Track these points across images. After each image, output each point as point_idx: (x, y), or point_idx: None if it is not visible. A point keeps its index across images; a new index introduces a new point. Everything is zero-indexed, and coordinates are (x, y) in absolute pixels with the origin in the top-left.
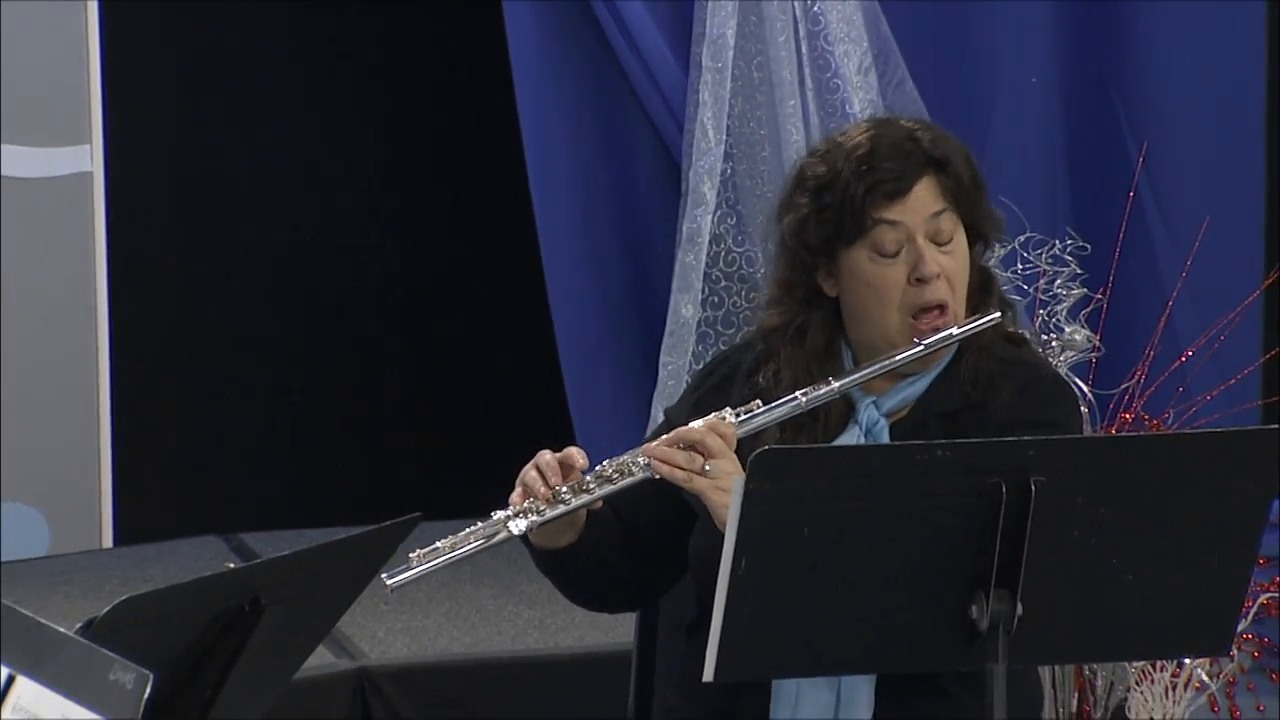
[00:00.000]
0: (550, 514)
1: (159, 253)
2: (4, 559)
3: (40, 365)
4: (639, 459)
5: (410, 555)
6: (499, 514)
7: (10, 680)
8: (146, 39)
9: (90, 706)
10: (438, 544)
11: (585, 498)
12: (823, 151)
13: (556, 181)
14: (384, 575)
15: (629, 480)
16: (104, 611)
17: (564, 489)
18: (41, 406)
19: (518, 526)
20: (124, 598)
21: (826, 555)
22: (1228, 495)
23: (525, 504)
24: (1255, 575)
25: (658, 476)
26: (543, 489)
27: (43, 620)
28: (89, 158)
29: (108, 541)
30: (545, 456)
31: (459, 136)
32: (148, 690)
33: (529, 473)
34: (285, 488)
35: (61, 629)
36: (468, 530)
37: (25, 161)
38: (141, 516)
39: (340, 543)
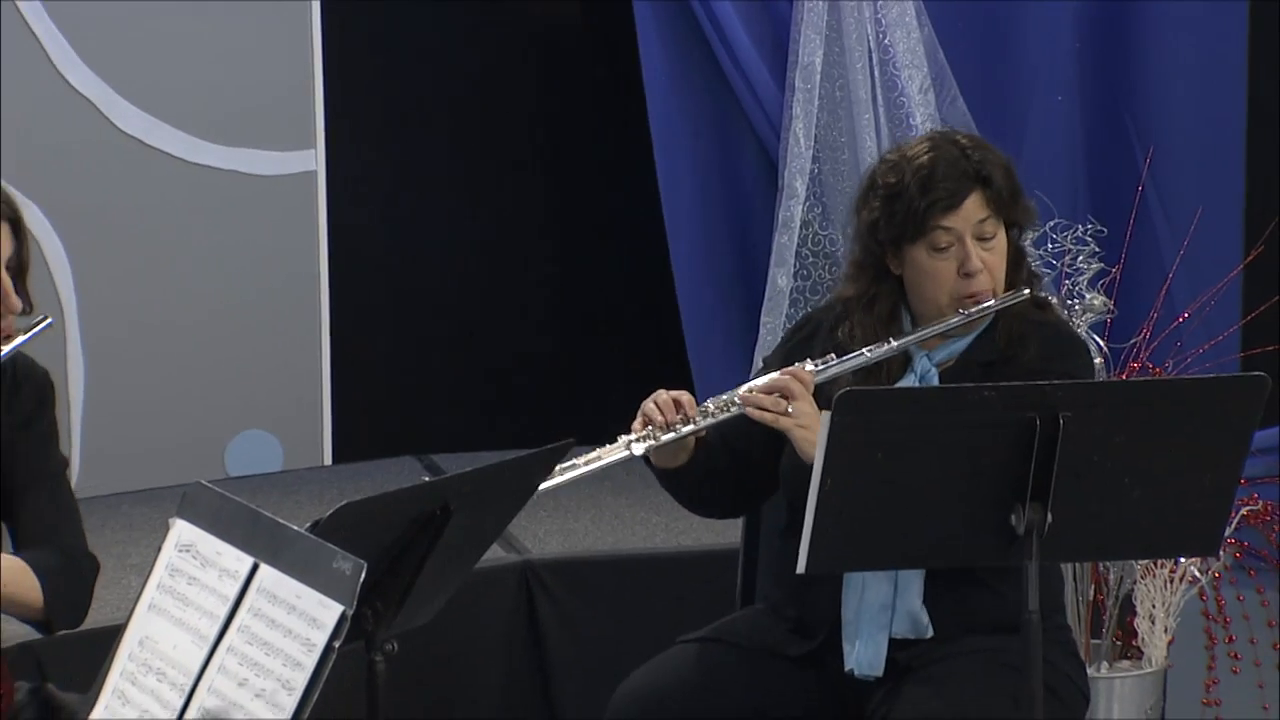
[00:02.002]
0: (664, 439)
1: (368, 228)
2: (247, 474)
3: (274, 320)
4: (736, 399)
5: (557, 468)
6: (623, 438)
7: (255, 567)
8: (358, 61)
9: (317, 588)
10: (575, 460)
11: (691, 427)
12: (892, 162)
13: (679, 179)
14: None
15: (726, 416)
16: (327, 514)
17: (675, 419)
18: (276, 353)
19: (638, 448)
20: (343, 503)
21: (895, 475)
22: (1216, 428)
23: (644, 430)
24: (1238, 492)
25: (749, 415)
26: (659, 419)
27: (280, 520)
28: (314, 159)
29: (327, 460)
30: (662, 394)
31: (604, 141)
32: (361, 576)
33: (648, 405)
34: (467, 416)
35: (295, 528)
36: (599, 450)
37: (262, 162)
38: (354, 440)
39: (511, 461)
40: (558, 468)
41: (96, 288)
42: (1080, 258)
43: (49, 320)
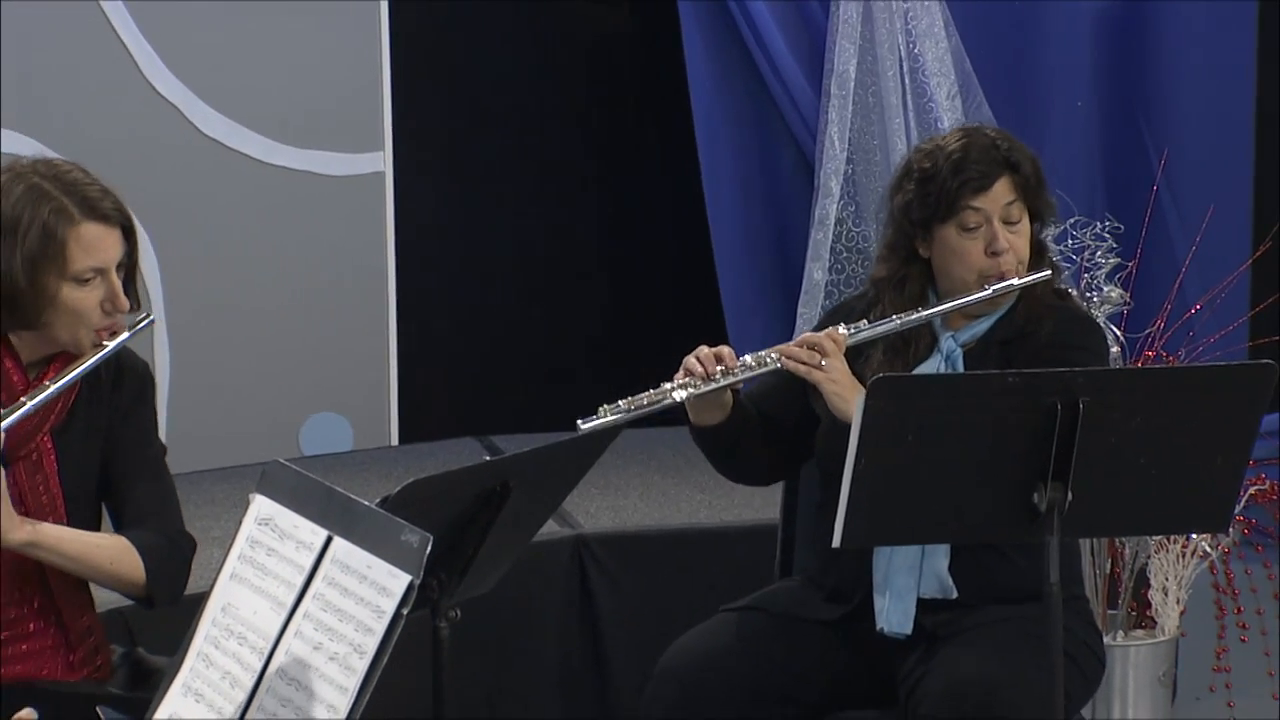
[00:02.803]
0: (705, 388)
1: (431, 224)
2: (319, 454)
3: (345, 311)
4: (772, 354)
5: (600, 408)
6: (666, 385)
7: (329, 539)
8: (421, 70)
9: (386, 559)
10: (620, 402)
11: (731, 379)
12: (927, 150)
13: (721, 180)
14: (579, 421)
15: (764, 370)
16: (396, 491)
17: (715, 371)
18: (346, 340)
19: (680, 395)
20: (410, 481)
21: (925, 455)
22: (1226, 412)
23: (685, 380)
24: (1247, 472)
25: (785, 368)
26: (700, 370)
27: (352, 496)
28: (382, 161)
29: (394, 441)
30: (703, 349)
31: (652, 143)
32: (428, 549)
33: (690, 359)
34: (524, 400)
35: (365, 503)
36: (643, 394)
37: (334, 163)
38: (419, 422)
39: (565, 442)
40: (605, 409)
41: (181, 281)
42: (1099, 253)
43: (151, 318)
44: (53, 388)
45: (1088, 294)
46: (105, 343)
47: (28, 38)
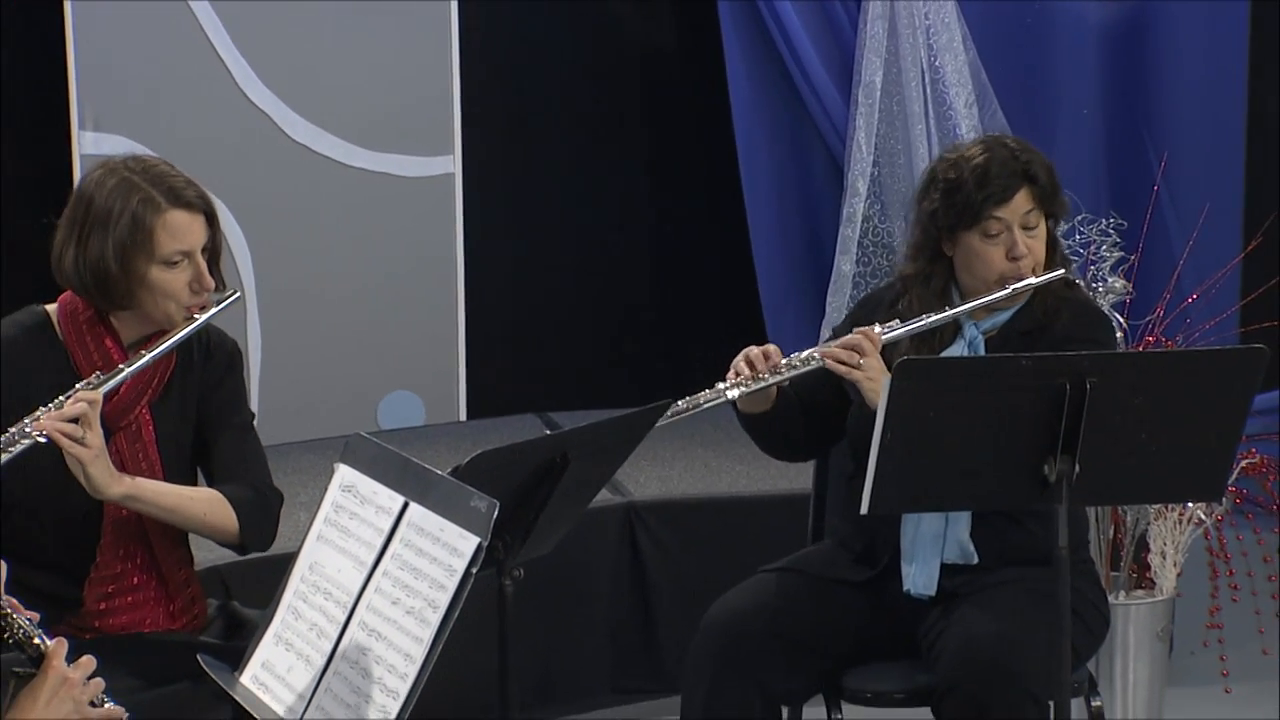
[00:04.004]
0: (754, 386)
1: (496, 220)
2: (394, 428)
3: (418, 298)
4: (815, 354)
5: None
6: (719, 385)
7: (405, 505)
8: (487, 81)
9: (457, 523)
10: (679, 402)
11: (777, 377)
12: (951, 160)
13: (759, 180)
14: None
15: (807, 368)
16: (465, 461)
17: (763, 370)
18: (418, 326)
19: (733, 394)
20: (478, 453)
21: (945, 431)
22: (1220, 392)
23: (736, 379)
24: (1239, 447)
25: (826, 366)
26: (748, 370)
27: (426, 466)
28: (452, 163)
29: (462, 416)
30: (752, 350)
31: (696, 147)
32: (495, 514)
33: (739, 360)
34: (581, 379)
35: (438, 472)
36: (700, 393)
37: (408, 165)
38: (484, 399)
39: (619, 418)
40: (672, 409)
41: (271, 271)
42: (1104, 247)
43: (237, 294)
44: (148, 356)
45: (1094, 284)
46: (195, 316)
47: (145, 61)
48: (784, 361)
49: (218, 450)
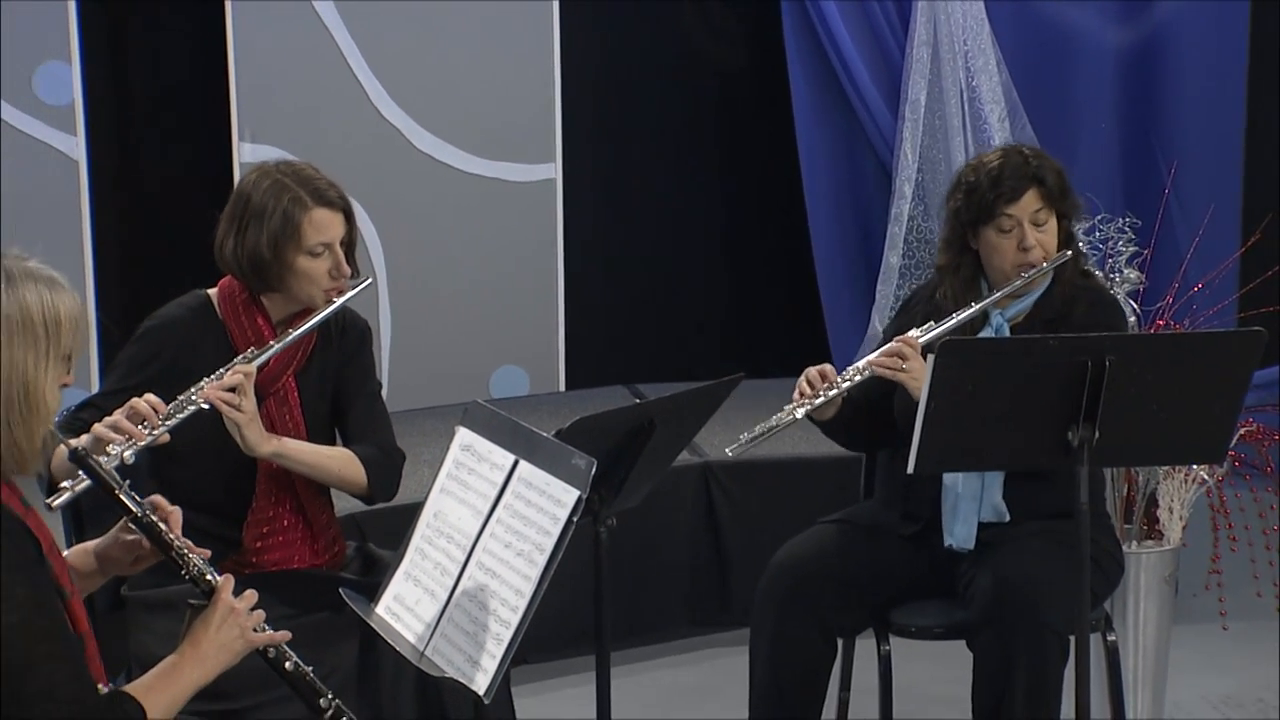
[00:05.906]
0: (817, 402)
1: (592, 219)
2: (503, 397)
3: (522, 286)
4: (863, 367)
5: (740, 436)
6: (788, 406)
7: (516, 462)
8: (584, 97)
9: (560, 478)
10: (757, 427)
11: (834, 391)
12: (973, 165)
13: (819, 184)
14: (727, 449)
15: (860, 378)
16: (567, 426)
17: (822, 387)
18: (524, 309)
19: (799, 413)
20: (577, 418)
21: (982, 402)
22: (1222, 368)
23: (801, 400)
24: (1239, 417)
25: (875, 374)
26: (809, 390)
27: (533, 429)
28: (554, 170)
29: (561, 388)
30: (811, 371)
31: (766, 158)
32: (592, 470)
33: (801, 381)
34: (665, 354)
35: (544, 434)
36: (772, 418)
37: (516, 172)
38: (580, 371)
39: (698, 389)
40: (745, 436)
41: (400, 263)
42: (1120, 243)
43: (370, 280)
44: (294, 334)
45: (1110, 275)
46: (334, 299)
47: (294, 84)
48: (839, 377)
49: (351, 415)
